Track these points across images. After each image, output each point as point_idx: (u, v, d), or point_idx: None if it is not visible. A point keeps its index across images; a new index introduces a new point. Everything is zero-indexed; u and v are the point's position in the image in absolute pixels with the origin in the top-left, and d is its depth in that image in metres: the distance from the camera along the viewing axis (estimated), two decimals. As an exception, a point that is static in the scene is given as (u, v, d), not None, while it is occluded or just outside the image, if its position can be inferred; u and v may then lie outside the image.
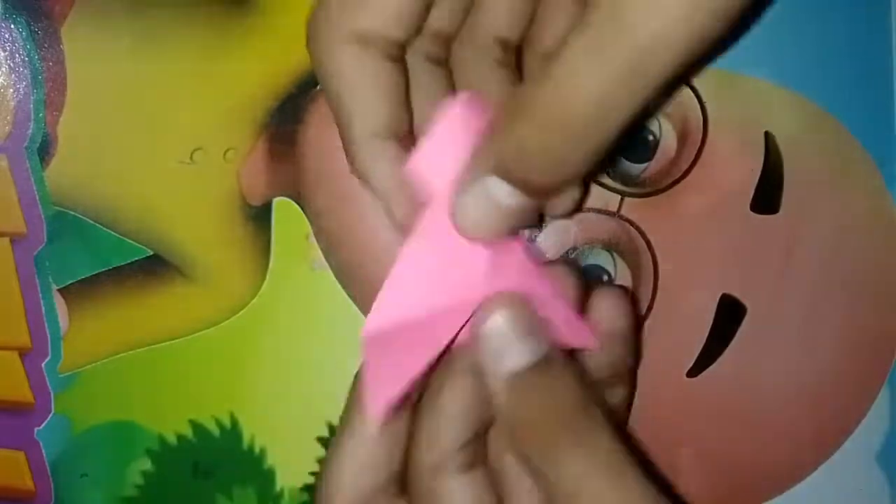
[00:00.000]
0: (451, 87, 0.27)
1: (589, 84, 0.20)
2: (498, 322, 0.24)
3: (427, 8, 0.25)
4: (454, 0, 0.26)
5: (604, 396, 0.26)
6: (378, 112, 0.25)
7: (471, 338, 0.24)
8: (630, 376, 0.28)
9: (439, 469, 0.24)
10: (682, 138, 0.30)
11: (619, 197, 0.31)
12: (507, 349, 0.24)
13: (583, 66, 0.20)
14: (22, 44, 0.30)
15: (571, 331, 0.25)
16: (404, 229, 0.25)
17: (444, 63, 0.27)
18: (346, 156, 0.26)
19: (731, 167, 0.31)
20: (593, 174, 0.30)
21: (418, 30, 0.25)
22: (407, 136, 0.26)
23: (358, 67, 0.24)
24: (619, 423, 0.26)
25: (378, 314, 0.24)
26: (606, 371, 0.26)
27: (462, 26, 0.27)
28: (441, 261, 0.24)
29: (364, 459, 0.25)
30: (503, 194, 0.22)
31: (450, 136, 0.23)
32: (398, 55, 0.25)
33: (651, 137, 0.30)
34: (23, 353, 0.31)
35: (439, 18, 0.26)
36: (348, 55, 0.24)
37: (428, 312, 0.24)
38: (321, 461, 0.31)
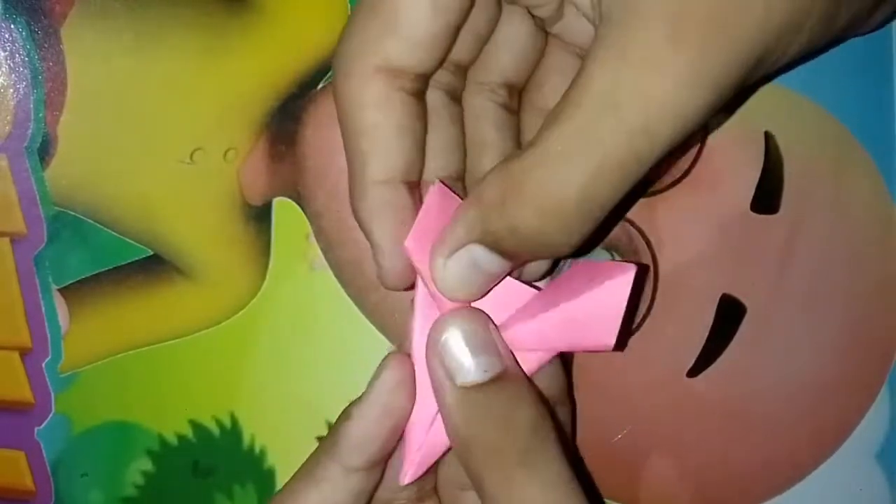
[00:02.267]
0: (462, 127, 0.26)
1: (583, 173, 0.20)
2: (451, 339, 0.23)
3: (454, 36, 0.24)
4: (474, 31, 0.25)
5: (558, 418, 0.25)
6: (397, 155, 0.23)
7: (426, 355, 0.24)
8: (568, 395, 0.27)
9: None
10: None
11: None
12: (460, 366, 0.23)
13: (577, 153, 0.20)
14: (22, 44, 0.30)
15: (576, 333, 0.24)
16: (384, 282, 0.24)
17: (459, 99, 0.26)
18: (351, 197, 0.24)
19: (731, 167, 0.31)
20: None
21: (442, 61, 0.24)
22: (416, 184, 0.24)
23: (381, 102, 0.23)
24: (568, 445, 0.25)
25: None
26: (545, 391, 0.26)
27: (475, 61, 0.26)
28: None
29: None
30: (488, 263, 0.22)
31: (434, 218, 0.23)
32: (422, 89, 0.24)
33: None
34: (23, 353, 0.31)
35: (460, 50, 0.25)
36: (372, 89, 0.23)
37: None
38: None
